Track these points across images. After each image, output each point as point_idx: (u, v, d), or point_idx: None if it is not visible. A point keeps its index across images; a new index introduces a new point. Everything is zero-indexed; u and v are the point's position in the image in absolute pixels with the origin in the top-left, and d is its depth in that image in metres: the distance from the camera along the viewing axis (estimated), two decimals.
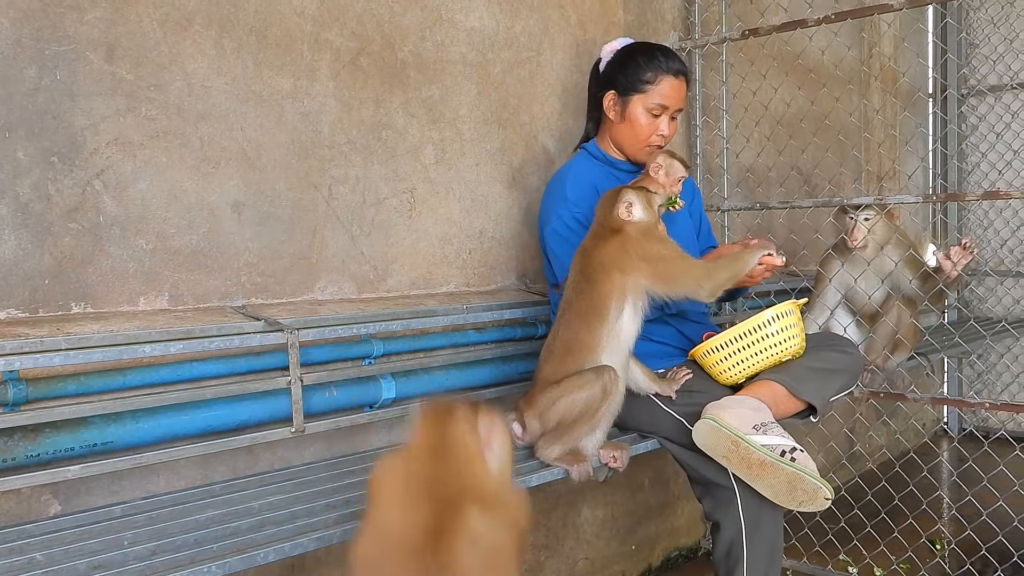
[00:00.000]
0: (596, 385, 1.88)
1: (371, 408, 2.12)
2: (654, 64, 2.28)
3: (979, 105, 4.82)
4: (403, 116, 2.33)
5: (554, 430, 1.92)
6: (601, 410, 1.90)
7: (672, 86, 2.29)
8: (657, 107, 2.29)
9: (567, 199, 2.24)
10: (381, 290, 2.30)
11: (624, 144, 2.36)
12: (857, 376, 2.33)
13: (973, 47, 4.83)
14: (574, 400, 1.89)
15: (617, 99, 2.32)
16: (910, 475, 3.05)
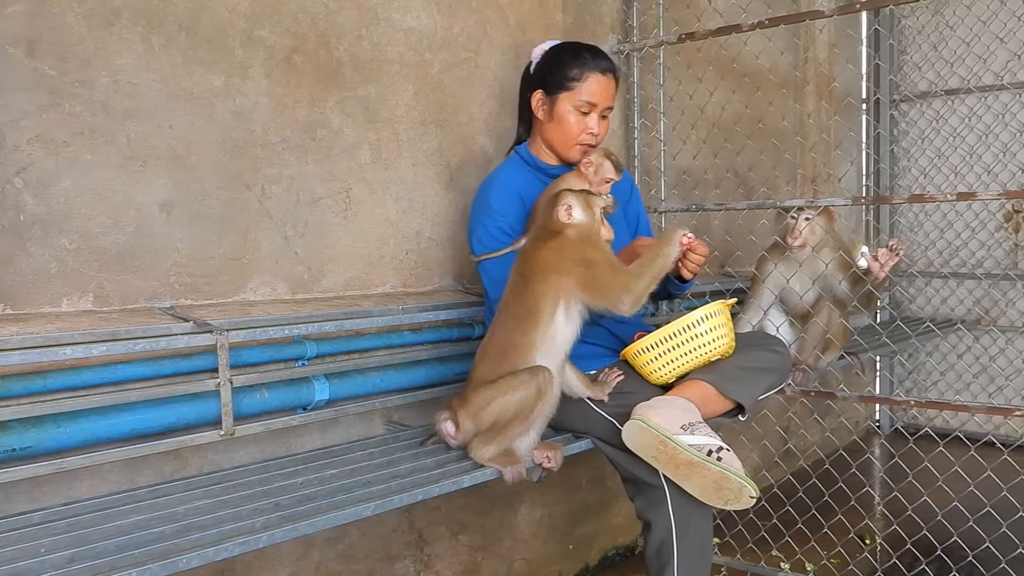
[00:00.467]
0: (531, 385, 1.88)
1: (304, 410, 2.10)
2: (580, 62, 2.28)
3: (910, 111, 4.94)
4: (339, 115, 2.31)
5: (488, 430, 1.92)
6: (536, 410, 1.90)
7: (600, 83, 2.29)
8: (585, 104, 2.29)
9: (491, 209, 2.23)
10: (316, 291, 2.28)
11: (554, 143, 2.35)
12: (786, 375, 2.37)
13: (904, 54, 4.95)
14: (509, 400, 1.89)
15: (545, 98, 2.32)
16: (841, 472, 3.12)
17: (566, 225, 1.98)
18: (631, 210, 2.55)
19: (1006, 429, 4.25)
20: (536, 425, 1.97)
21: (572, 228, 1.98)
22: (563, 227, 1.98)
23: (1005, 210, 4.66)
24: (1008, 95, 4.50)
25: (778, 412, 3.91)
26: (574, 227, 1.98)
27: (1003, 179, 4.51)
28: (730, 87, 3.48)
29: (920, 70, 4.87)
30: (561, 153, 2.36)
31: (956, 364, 4.74)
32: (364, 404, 2.22)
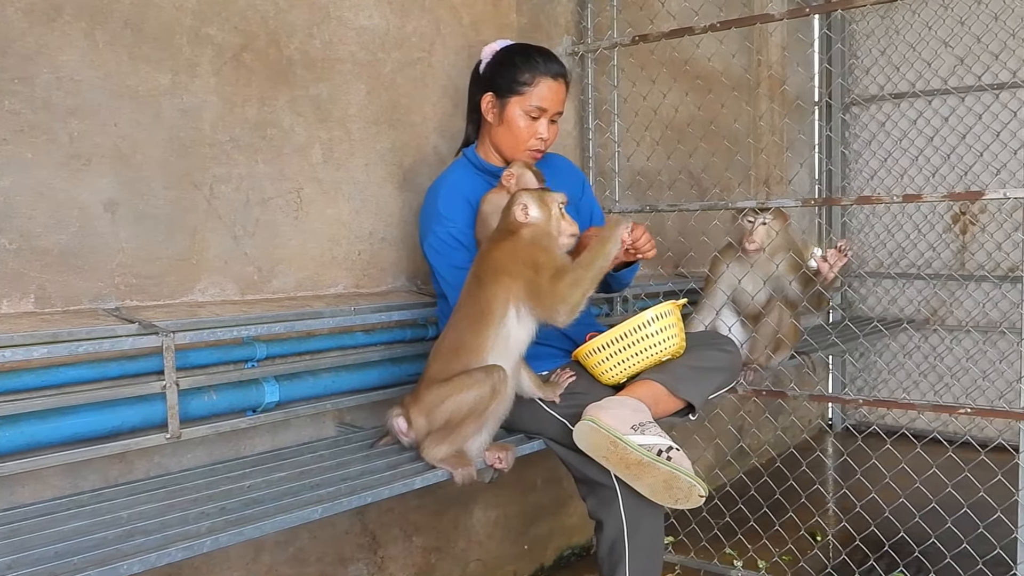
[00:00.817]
0: (486, 384, 1.88)
1: (254, 412, 2.08)
2: (531, 66, 2.27)
3: (860, 114, 5.02)
4: (290, 114, 2.29)
5: (441, 429, 1.91)
6: (490, 410, 1.90)
7: (550, 88, 2.29)
8: (535, 110, 2.28)
9: (440, 215, 2.23)
10: (266, 291, 2.26)
11: (503, 147, 2.35)
12: (736, 374, 2.40)
13: (854, 58, 5.03)
14: (463, 399, 1.88)
15: (495, 101, 2.31)
16: (793, 470, 3.16)
17: (522, 225, 1.98)
18: (584, 207, 2.55)
19: (954, 427, 4.33)
20: (489, 425, 1.97)
21: (528, 228, 1.98)
22: (519, 227, 1.98)
23: (952, 212, 4.75)
24: (955, 99, 4.59)
25: (731, 411, 3.95)
26: (530, 227, 1.98)
27: (951, 181, 4.60)
28: (683, 89, 3.51)
29: (870, 74, 4.95)
30: (509, 156, 2.35)
31: (906, 363, 4.82)
32: (316, 406, 2.20)
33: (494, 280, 1.93)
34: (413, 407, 1.98)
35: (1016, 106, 4.36)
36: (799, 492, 3.10)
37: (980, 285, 4.59)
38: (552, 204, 2.00)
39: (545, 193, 2.02)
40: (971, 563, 2.68)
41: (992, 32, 4.33)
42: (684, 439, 3.58)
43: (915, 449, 2.78)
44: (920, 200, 2.47)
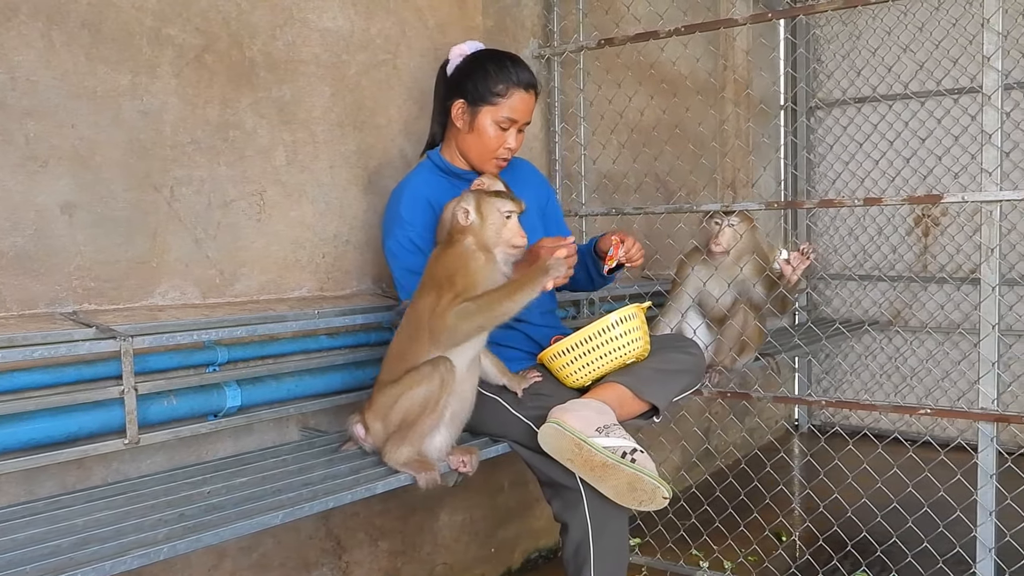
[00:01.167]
0: (434, 377, 1.86)
1: (216, 417, 2.06)
2: (505, 76, 2.27)
3: (825, 118, 5.08)
4: (252, 116, 2.27)
5: (398, 429, 1.90)
6: (442, 403, 1.87)
7: (523, 100, 2.29)
8: (506, 121, 2.28)
9: (401, 218, 2.22)
10: (228, 295, 2.23)
11: (470, 154, 2.35)
12: (700, 376, 2.41)
13: (818, 63, 5.08)
14: (414, 395, 1.87)
15: (466, 108, 2.30)
16: (759, 471, 3.18)
17: (465, 231, 1.93)
18: (550, 214, 2.56)
19: (917, 427, 4.38)
20: (449, 424, 1.95)
21: (468, 236, 1.92)
22: (462, 234, 1.93)
23: (915, 215, 4.81)
24: (916, 103, 4.66)
25: (697, 413, 3.97)
26: (470, 234, 1.92)
27: (913, 184, 4.66)
28: (648, 92, 3.53)
29: (833, 78, 5.01)
30: (475, 164, 2.36)
31: (870, 364, 4.88)
32: (279, 410, 2.18)
33: (429, 289, 1.92)
34: (368, 412, 1.97)
35: (975, 110, 4.42)
36: (764, 493, 3.12)
37: (942, 287, 4.65)
38: (493, 210, 1.93)
39: (490, 197, 1.96)
40: (932, 562, 2.71)
41: (952, 37, 4.39)
42: (651, 441, 3.59)
43: (877, 449, 2.81)
44: (881, 203, 2.50)
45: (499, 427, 2.18)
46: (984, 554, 2.40)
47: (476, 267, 1.89)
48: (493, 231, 1.92)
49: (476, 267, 1.89)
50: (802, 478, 4.08)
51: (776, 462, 3.26)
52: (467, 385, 1.94)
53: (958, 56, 4.42)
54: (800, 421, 5.22)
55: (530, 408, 2.12)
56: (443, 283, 1.88)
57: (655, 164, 3.61)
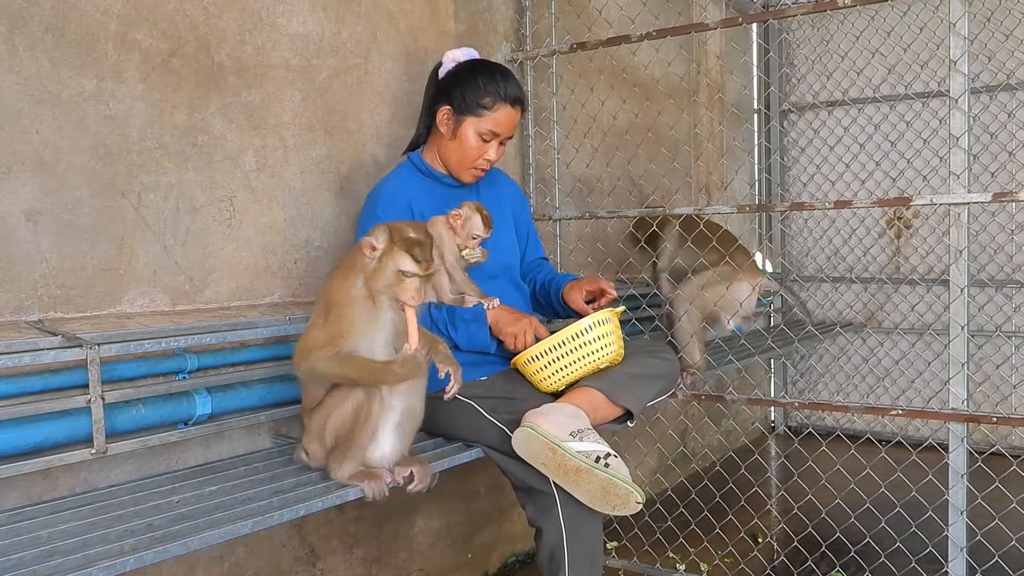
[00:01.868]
0: (357, 390, 1.83)
1: (185, 425, 2.03)
2: (494, 89, 2.29)
3: (797, 121, 5.11)
4: (221, 121, 2.25)
5: (336, 448, 1.87)
6: (373, 413, 1.84)
7: (508, 115, 2.31)
8: (489, 133, 2.30)
9: (377, 216, 2.22)
10: (198, 302, 2.21)
11: (449, 162, 2.36)
12: (675, 381, 2.42)
13: (790, 66, 5.12)
14: (343, 412, 1.84)
15: (451, 116, 2.32)
16: (734, 474, 3.19)
17: (358, 268, 1.80)
18: (521, 223, 2.57)
19: (892, 427, 4.42)
20: (396, 429, 1.92)
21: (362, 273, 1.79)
22: (357, 269, 1.81)
23: (887, 217, 4.86)
24: (886, 107, 4.70)
25: (672, 416, 3.98)
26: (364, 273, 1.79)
27: (885, 187, 4.70)
28: (621, 96, 3.54)
29: (805, 82, 5.05)
30: (453, 172, 2.38)
31: (845, 366, 4.91)
32: (250, 418, 2.16)
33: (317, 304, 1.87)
34: (304, 436, 1.96)
35: (944, 114, 4.47)
36: (739, 495, 3.13)
37: (914, 288, 4.70)
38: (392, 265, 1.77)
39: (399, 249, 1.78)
40: (905, 561, 2.73)
41: (921, 41, 4.44)
42: (626, 445, 3.60)
43: (850, 450, 2.83)
44: (851, 206, 2.51)
45: (473, 432, 2.17)
46: (956, 553, 2.41)
47: (353, 315, 1.78)
48: (383, 283, 1.78)
49: (353, 315, 1.78)
50: (777, 480, 4.10)
51: (751, 464, 3.28)
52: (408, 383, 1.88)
53: (927, 59, 4.47)
54: (775, 423, 5.25)
55: (504, 413, 2.12)
56: (323, 310, 1.80)
57: (628, 167, 3.62)
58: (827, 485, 2.89)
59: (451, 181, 2.38)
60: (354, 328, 1.78)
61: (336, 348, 1.76)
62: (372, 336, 1.81)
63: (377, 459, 1.91)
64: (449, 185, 2.38)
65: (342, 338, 1.77)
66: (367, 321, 1.80)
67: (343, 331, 1.77)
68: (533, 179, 3.23)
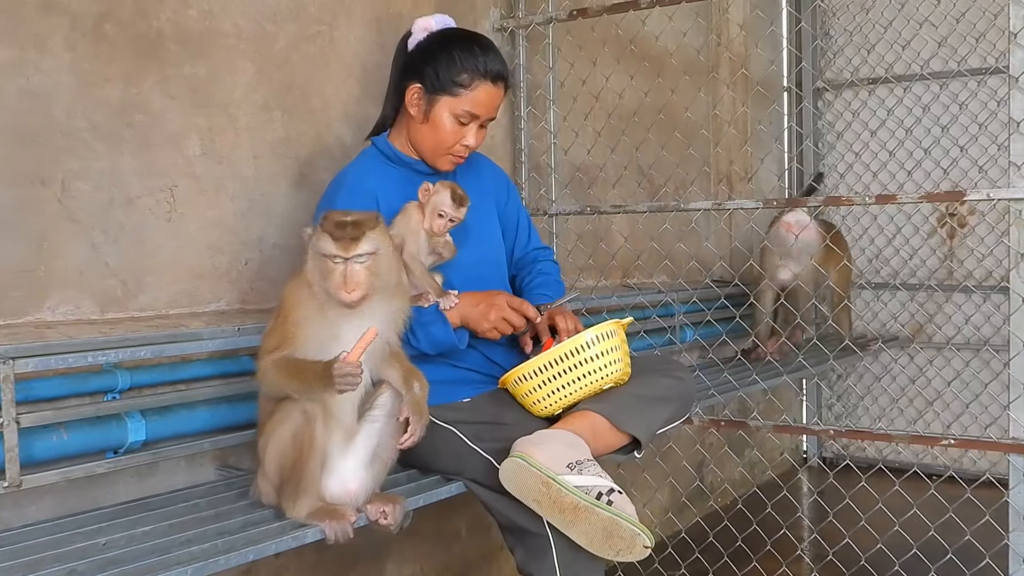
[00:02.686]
0: (293, 412, 1.83)
1: (115, 453, 2.04)
2: (472, 64, 2.28)
3: (833, 101, 5.13)
4: (160, 97, 2.26)
5: (283, 483, 1.87)
6: (317, 437, 1.84)
7: (489, 94, 2.31)
8: (466, 115, 2.30)
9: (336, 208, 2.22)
10: (132, 309, 2.22)
11: (423, 147, 2.37)
12: (690, 404, 2.43)
13: (826, 38, 5.13)
14: (280, 438, 1.84)
15: (422, 95, 2.32)
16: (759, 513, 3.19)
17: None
18: (509, 215, 2.57)
19: (943, 459, 4.43)
20: (365, 460, 1.93)
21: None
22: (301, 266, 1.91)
23: (937, 214, 4.87)
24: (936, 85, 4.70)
25: (687, 446, 3.99)
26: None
27: (935, 178, 4.70)
28: (628, 72, 3.55)
29: (843, 55, 5.05)
30: (427, 159, 2.38)
31: (888, 387, 4.92)
32: (191, 445, 2.17)
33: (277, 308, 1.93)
34: (257, 471, 1.97)
35: (1004, 93, 4.48)
36: (765, 538, 3.13)
37: (969, 297, 4.71)
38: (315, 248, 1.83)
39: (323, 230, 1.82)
40: None
41: (978, 9, 4.45)
42: (632, 479, 3.60)
43: (894, 486, 2.84)
44: (895, 201, 2.53)
45: (453, 463, 2.18)
46: None
47: (298, 318, 1.83)
48: (316, 274, 1.83)
49: (298, 318, 1.83)
50: (810, 521, 4.12)
51: (779, 502, 3.28)
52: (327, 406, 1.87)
53: (984, 31, 4.47)
54: (808, 453, 5.27)
55: (490, 441, 2.12)
56: (277, 313, 1.88)
57: (636, 155, 3.63)
58: (867, 527, 2.90)
59: (424, 168, 2.39)
60: (301, 331, 1.82)
61: (281, 352, 1.81)
62: (324, 343, 1.83)
63: (340, 494, 1.91)
64: (421, 173, 2.38)
65: (287, 342, 1.81)
66: (316, 324, 1.83)
67: (288, 334, 1.82)
68: (526, 168, 3.24)
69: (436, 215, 2.19)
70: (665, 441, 3.56)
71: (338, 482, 1.91)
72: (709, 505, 4.17)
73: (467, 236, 2.33)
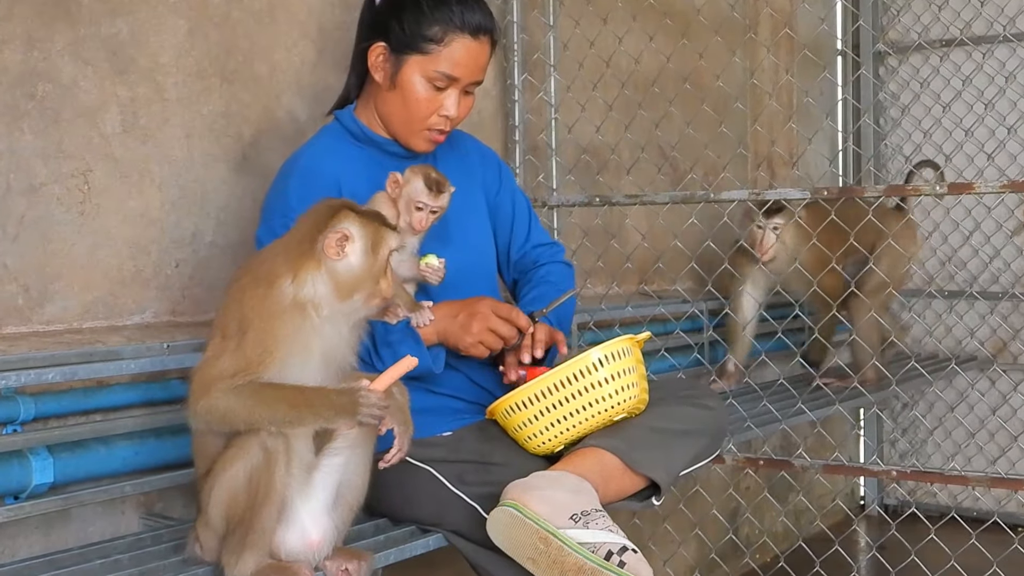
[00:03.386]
0: (251, 448, 1.83)
1: (16, 499, 2.04)
2: (444, 14, 2.28)
3: (898, 68, 5.14)
4: (72, 63, 2.27)
5: (230, 533, 1.87)
6: (277, 481, 1.83)
7: (468, 50, 2.31)
8: (442, 77, 2.30)
9: (287, 202, 2.24)
10: (36, 322, 2.23)
11: (393, 122, 2.37)
12: (721, 439, 2.45)
13: None
14: (231, 478, 1.84)
15: (388, 56, 2.32)
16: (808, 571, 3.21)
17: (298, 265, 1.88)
18: (502, 203, 2.57)
19: None
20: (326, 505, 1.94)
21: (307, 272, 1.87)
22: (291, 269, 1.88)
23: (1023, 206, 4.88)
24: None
25: (718, 490, 4.00)
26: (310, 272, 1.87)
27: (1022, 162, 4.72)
28: (647, 31, 3.57)
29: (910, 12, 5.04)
30: (399, 135, 2.38)
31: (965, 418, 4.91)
32: (110, 489, 2.17)
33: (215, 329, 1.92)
34: (198, 517, 1.96)
35: None
36: None
37: None
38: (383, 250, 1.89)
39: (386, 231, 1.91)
40: None
41: None
42: (652, 531, 3.62)
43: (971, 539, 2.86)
44: (971, 191, 2.56)
45: (432, 510, 2.19)
46: None
47: (284, 334, 1.83)
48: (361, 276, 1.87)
49: (284, 334, 1.83)
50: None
51: (831, 558, 3.29)
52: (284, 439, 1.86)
53: None
54: (865, 500, 5.28)
55: (476, 484, 2.13)
56: (234, 330, 1.84)
57: (656, 133, 3.65)
58: None
59: (398, 149, 2.40)
60: (282, 348, 1.82)
61: (251, 375, 1.80)
62: (305, 361, 1.85)
63: (300, 549, 1.92)
64: (394, 154, 2.39)
65: (261, 363, 1.80)
66: (298, 340, 1.84)
67: (266, 352, 1.81)
68: (520, 148, 3.25)
69: (413, 208, 2.20)
70: (691, 484, 3.57)
71: (297, 534, 1.91)
72: (745, 563, 4.18)
73: (447, 234, 2.34)
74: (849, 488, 5.28)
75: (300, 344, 1.85)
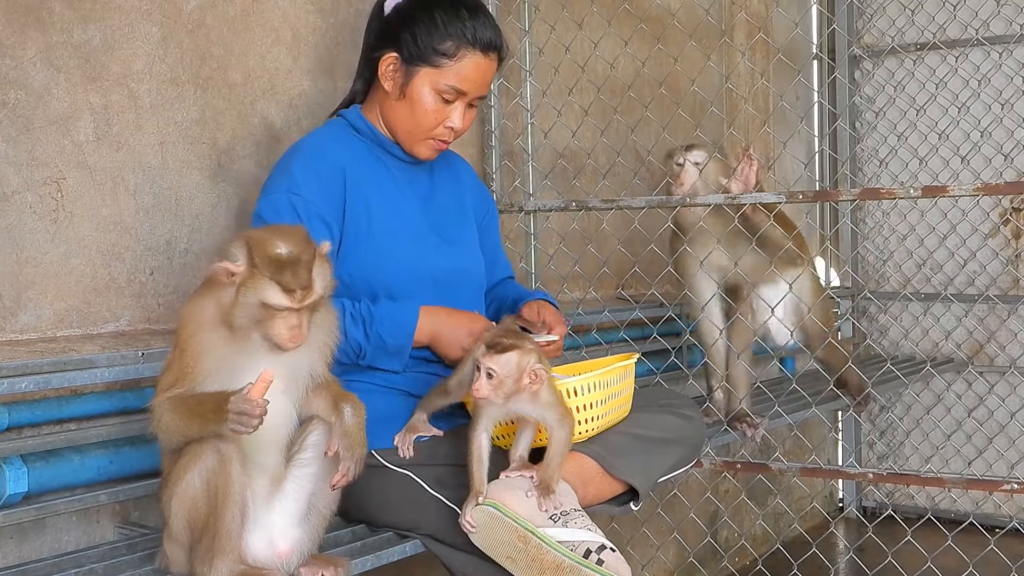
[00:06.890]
0: (206, 454, 1.83)
1: None
2: (457, 30, 2.33)
3: (874, 71, 5.16)
4: (44, 70, 2.26)
5: (195, 545, 1.87)
6: (234, 487, 1.84)
7: (478, 66, 2.36)
8: (451, 91, 2.34)
9: (292, 177, 2.26)
10: (9, 331, 2.22)
11: (398, 129, 2.41)
12: (700, 447, 2.46)
13: None
14: (187, 488, 1.84)
15: (399, 67, 2.36)
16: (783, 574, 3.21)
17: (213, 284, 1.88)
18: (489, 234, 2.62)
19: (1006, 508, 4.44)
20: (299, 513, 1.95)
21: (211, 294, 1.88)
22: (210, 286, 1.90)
23: (999, 209, 4.90)
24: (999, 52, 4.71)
25: (696, 494, 4.01)
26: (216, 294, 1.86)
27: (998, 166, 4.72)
28: (622, 35, 3.58)
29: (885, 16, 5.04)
30: (404, 143, 2.42)
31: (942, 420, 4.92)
32: (84, 498, 2.17)
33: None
34: (163, 534, 1.96)
35: None
36: None
37: None
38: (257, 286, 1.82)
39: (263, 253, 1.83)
40: None
41: None
42: (630, 533, 3.62)
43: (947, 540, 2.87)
44: (948, 194, 2.57)
45: (409, 515, 2.20)
46: None
47: (199, 351, 1.84)
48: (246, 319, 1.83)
49: (199, 351, 1.84)
50: None
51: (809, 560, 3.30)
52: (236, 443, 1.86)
53: None
54: (844, 502, 5.29)
55: (454, 487, 2.14)
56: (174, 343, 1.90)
57: (633, 137, 3.65)
58: None
59: (401, 153, 2.44)
60: (200, 366, 1.83)
61: (178, 391, 1.82)
62: (230, 377, 1.83)
63: (267, 557, 1.92)
64: (397, 158, 2.44)
65: (184, 379, 1.82)
66: (221, 357, 1.85)
67: (186, 369, 1.83)
68: (496, 154, 3.26)
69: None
70: (669, 488, 3.57)
71: (264, 541, 1.91)
72: (723, 566, 4.19)
73: (440, 237, 2.37)
74: (827, 491, 5.29)
75: (223, 360, 1.86)
